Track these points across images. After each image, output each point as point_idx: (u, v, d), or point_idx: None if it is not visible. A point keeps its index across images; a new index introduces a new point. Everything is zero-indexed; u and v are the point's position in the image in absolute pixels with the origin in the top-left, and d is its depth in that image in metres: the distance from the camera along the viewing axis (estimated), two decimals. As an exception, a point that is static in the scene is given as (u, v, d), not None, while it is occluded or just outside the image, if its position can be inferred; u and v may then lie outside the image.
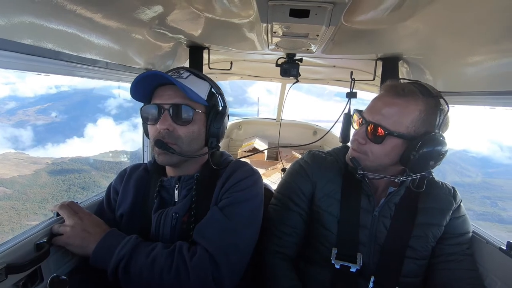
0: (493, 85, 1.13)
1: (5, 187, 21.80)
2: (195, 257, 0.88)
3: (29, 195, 21.90)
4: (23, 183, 23.04)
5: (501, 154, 54.89)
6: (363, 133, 1.04)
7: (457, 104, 1.45)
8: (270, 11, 0.98)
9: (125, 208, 1.08)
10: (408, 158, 0.99)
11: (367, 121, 1.03)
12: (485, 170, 40.89)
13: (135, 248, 0.90)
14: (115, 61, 1.29)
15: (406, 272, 1.06)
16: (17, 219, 19.98)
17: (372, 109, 1.05)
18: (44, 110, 71.14)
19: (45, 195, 22.35)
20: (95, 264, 0.90)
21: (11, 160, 27.01)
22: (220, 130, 1.05)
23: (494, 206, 27.48)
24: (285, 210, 1.19)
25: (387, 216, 1.10)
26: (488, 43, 0.98)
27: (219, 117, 1.05)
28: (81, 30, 0.98)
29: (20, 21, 0.76)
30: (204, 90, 1.05)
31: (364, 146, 1.04)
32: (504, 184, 30.94)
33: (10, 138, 58.17)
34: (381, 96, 1.06)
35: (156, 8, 1.03)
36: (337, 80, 2.92)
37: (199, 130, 1.03)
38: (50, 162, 27.13)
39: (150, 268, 0.87)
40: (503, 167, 48.03)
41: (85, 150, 51.77)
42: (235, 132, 4.10)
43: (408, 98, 0.99)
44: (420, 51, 1.36)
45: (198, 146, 1.05)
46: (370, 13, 1.02)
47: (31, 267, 0.85)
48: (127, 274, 0.87)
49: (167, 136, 0.98)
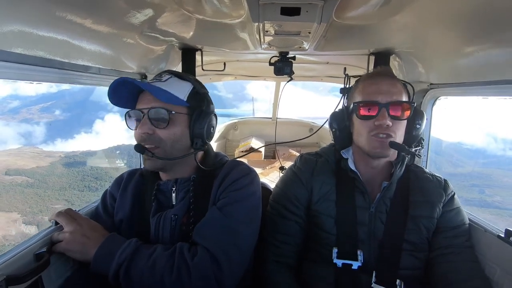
0: (485, 75, 1.15)
1: (27, 177, 24.09)
2: (196, 257, 0.88)
3: (49, 183, 24.31)
4: (42, 173, 25.42)
5: (495, 146, 57.55)
6: (387, 116, 1.03)
7: (450, 96, 1.47)
8: (261, 10, 0.98)
9: (124, 214, 1.08)
10: (412, 130, 1.12)
11: (385, 103, 1.03)
12: (478, 161, 42.84)
13: (135, 252, 0.90)
14: (108, 66, 1.29)
15: (406, 265, 1.07)
16: (42, 203, 22.31)
17: (380, 92, 1.06)
18: (47, 109, 74.40)
19: (63, 184, 24.55)
20: (96, 269, 0.90)
21: (27, 153, 29.62)
22: (205, 130, 1.03)
23: (481, 193, 28.89)
24: (281, 219, 1.19)
25: (383, 212, 1.11)
26: (479, 34, 0.99)
27: (202, 117, 1.03)
28: (72, 37, 0.97)
29: (9, 30, 0.75)
30: (185, 91, 1.03)
31: (392, 127, 1.04)
32: (492, 173, 32.52)
33: (19, 134, 60.80)
34: (380, 79, 1.09)
35: (146, 11, 1.03)
36: (331, 76, 2.93)
37: (182, 132, 1.02)
38: (63, 156, 29.81)
39: (151, 271, 0.87)
40: (495, 158, 50.96)
41: (92, 145, 53.97)
42: (231, 132, 4.10)
43: (395, 78, 1.11)
44: (412, 45, 1.37)
45: (182, 147, 1.04)
46: (361, 8, 1.02)
47: (31, 277, 0.84)
48: (128, 278, 0.87)
49: (148, 139, 0.98)
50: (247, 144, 3.66)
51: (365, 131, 1.07)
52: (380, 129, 1.04)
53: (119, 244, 0.91)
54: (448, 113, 5.23)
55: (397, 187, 1.13)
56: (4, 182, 23.21)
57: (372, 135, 1.06)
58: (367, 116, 1.07)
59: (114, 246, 0.91)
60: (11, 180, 23.65)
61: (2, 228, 18.90)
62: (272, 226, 1.20)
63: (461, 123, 30.80)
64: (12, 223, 19.65)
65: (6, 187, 22.65)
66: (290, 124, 4.02)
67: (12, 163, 26.01)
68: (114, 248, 0.90)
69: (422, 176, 1.20)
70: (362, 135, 1.09)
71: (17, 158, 27.41)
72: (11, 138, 68.43)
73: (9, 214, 20.09)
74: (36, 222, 20.26)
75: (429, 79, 1.49)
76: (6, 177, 23.93)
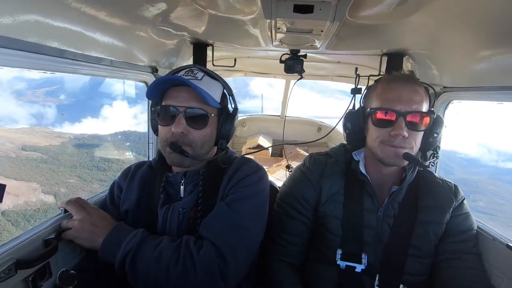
0: (502, 80, 1.11)
1: (42, 153, 26.08)
2: (202, 250, 0.89)
3: (61, 160, 26.34)
4: (55, 151, 27.53)
5: (488, 157, 60.99)
6: (404, 126, 1.00)
7: (464, 100, 1.43)
8: (274, 7, 0.97)
9: (130, 204, 1.09)
10: (429, 139, 1.08)
11: (405, 112, 1.00)
12: (469, 170, 45.02)
13: (141, 242, 0.91)
14: (120, 58, 1.30)
15: (411, 270, 1.06)
16: (57, 177, 24.41)
17: (400, 100, 1.01)
18: (52, 93, 78.35)
19: (74, 163, 26.57)
20: (103, 257, 0.92)
21: (39, 133, 31.96)
22: (231, 132, 1.07)
23: (466, 198, 34.71)
24: (288, 219, 1.19)
25: (391, 216, 1.10)
26: (496, 37, 0.96)
27: (230, 119, 1.06)
28: (86, 28, 0.98)
29: (25, 20, 0.77)
30: (218, 92, 1.06)
31: (408, 138, 1.01)
32: (479, 181, 34.87)
33: (31, 114, 65.37)
34: (401, 85, 1.04)
35: (159, 5, 1.03)
36: (341, 76, 2.90)
37: (211, 133, 1.04)
38: (72, 137, 32.38)
39: (156, 262, 0.88)
40: (485, 168, 54.17)
41: (97, 129, 57.18)
42: (239, 129, 4.10)
43: (418, 84, 1.05)
44: (426, 46, 1.34)
45: (209, 148, 1.07)
46: (375, 7, 1.00)
47: (40, 262, 0.86)
48: (133, 267, 0.88)
49: (181, 138, 0.98)
50: (255, 141, 3.66)
51: (380, 138, 1.04)
52: (396, 139, 1.01)
53: (126, 233, 0.93)
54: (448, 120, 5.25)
55: (406, 191, 1.12)
56: (21, 157, 24.83)
57: (387, 144, 1.03)
58: (384, 123, 1.03)
59: (121, 236, 0.92)
60: (27, 155, 25.41)
61: (24, 195, 20.44)
62: (278, 225, 1.20)
63: (458, 132, 32.38)
64: (32, 191, 21.31)
65: (23, 161, 24.28)
66: (298, 122, 3.99)
67: (27, 140, 28.00)
68: (120, 237, 0.92)
69: (432, 180, 1.18)
70: (376, 141, 1.06)
71: (30, 136, 29.56)
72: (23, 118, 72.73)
73: (29, 184, 21.78)
74: (53, 192, 22.04)
75: (442, 82, 1.45)
76: (22, 152, 25.66)
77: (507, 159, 58.99)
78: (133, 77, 1.51)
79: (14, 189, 20.76)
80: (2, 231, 17.87)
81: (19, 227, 18.54)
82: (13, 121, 76.39)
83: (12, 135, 30.96)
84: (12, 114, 79.83)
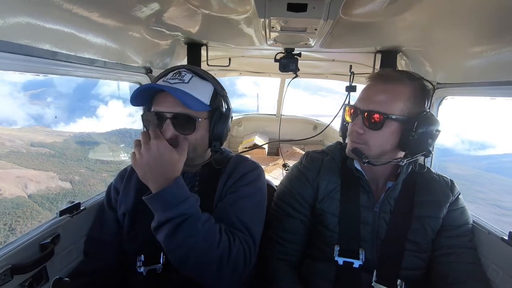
0: (494, 76, 1.13)
1: (49, 149, 27.91)
2: (236, 241, 0.90)
3: (67, 155, 28.33)
4: (60, 147, 29.50)
5: (461, 147, 63.97)
6: (360, 123, 1.04)
7: (457, 95, 1.45)
8: (267, 5, 0.97)
9: (128, 207, 1.08)
10: (407, 139, 1.02)
11: (362, 110, 1.04)
12: (441, 158, 48.89)
13: (198, 211, 0.87)
14: (113, 60, 1.29)
15: (408, 265, 1.07)
16: (68, 168, 26.39)
17: (364, 99, 1.06)
18: (38, 95, 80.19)
19: (79, 157, 28.73)
20: (152, 203, 0.86)
21: (40, 131, 33.75)
22: (224, 133, 1.03)
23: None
24: (286, 217, 1.19)
25: (387, 212, 1.11)
26: (488, 34, 0.97)
27: (222, 120, 1.02)
28: (78, 30, 0.97)
29: (16, 22, 0.76)
30: (208, 93, 1.01)
31: (363, 135, 1.04)
32: (448, 166, 36.02)
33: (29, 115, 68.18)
34: (371, 85, 1.07)
35: (152, 5, 1.03)
36: (336, 74, 2.91)
37: (202, 136, 1.00)
38: (72, 135, 34.37)
39: (203, 238, 0.84)
40: (457, 156, 56.71)
41: (96, 128, 60.36)
42: (235, 128, 4.10)
43: (397, 83, 1.03)
44: (419, 43, 1.36)
45: (202, 150, 1.05)
46: (368, 5, 1.01)
47: (36, 267, 0.85)
48: (178, 232, 0.83)
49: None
50: (251, 140, 3.66)
51: (348, 133, 1.12)
52: (352, 134, 1.07)
53: (186, 194, 0.87)
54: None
55: (402, 187, 1.13)
56: (32, 152, 26.75)
57: (350, 138, 1.10)
58: (350, 119, 1.10)
59: (181, 193, 0.87)
60: (37, 150, 27.17)
61: (44, 182, 22.80)
62: (276, 223, 1.20)
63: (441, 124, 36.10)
64: (51, 179, 23.52)
65: (34, 155, 26.27)
66: (294, 121, 4.01)
67: (33, 138, 29.62)
68: (181, 195, 0.86)
69: (428, 176, 1.19)
70: (347, 136, 1.13)
71: (34, 134, 31.09)
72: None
73: (47, 173, 24.06)
74: (69, 179, 24.29)
75: (436, 79, 1.47)
76: (32, 148, 27.50)
77: (478, 148, 64.56)
78: (127, 78, 1.49)
79: (35, 177, 22.79)
80: (32, 210, 19.98)
81: (45, 207, 20.60)
82: (13, 122, 79.08)
83: (18, 133, 32.65)
84: (12, 114, 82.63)
